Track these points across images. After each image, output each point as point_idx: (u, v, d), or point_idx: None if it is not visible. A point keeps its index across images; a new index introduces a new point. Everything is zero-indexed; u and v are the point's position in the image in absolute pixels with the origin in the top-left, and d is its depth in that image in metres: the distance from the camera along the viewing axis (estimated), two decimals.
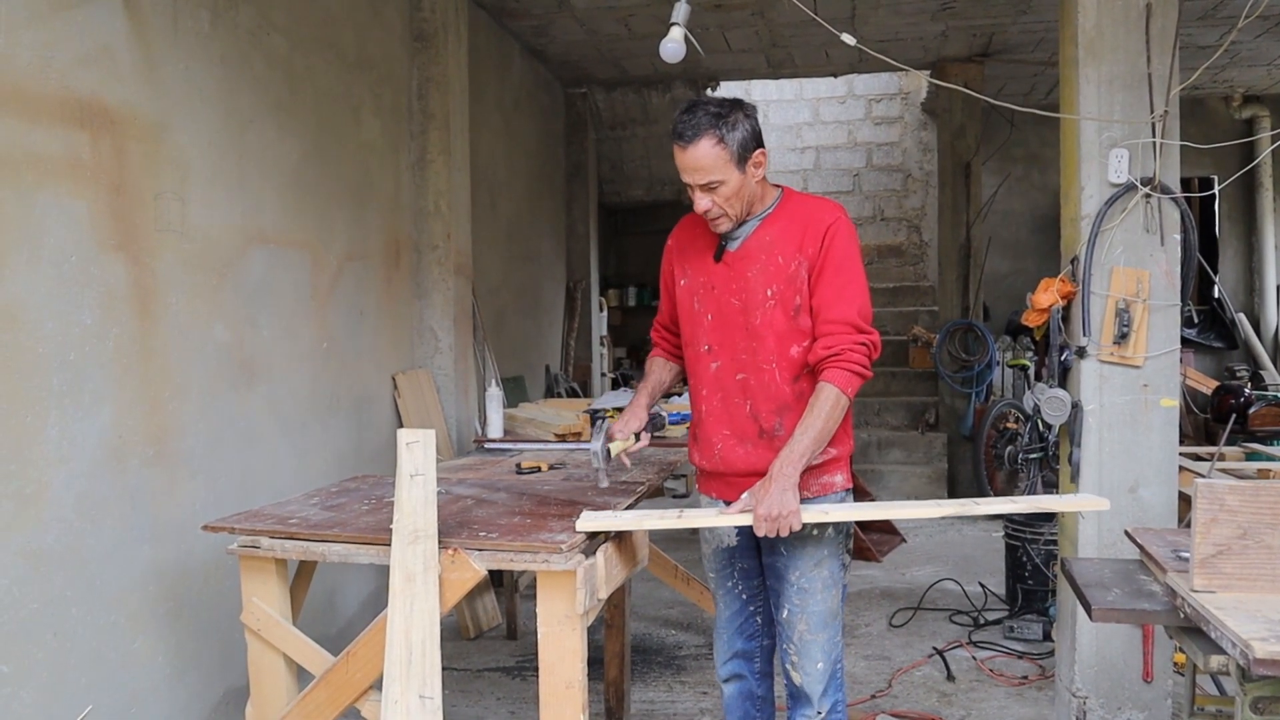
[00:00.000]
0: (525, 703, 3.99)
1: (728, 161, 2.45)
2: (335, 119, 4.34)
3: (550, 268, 7.93)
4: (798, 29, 6.82)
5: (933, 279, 10.15)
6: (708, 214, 2.53)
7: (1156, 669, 3.43)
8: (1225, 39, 6.57)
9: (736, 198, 2.50)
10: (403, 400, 4.85)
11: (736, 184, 2.48)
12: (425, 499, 2.41)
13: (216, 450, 3.42)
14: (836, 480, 2.61)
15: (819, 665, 2.60)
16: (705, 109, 2.46)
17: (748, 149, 2.47)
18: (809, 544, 2.57)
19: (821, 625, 2.59)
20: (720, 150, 2.44)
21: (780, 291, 2.52)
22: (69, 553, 2.75)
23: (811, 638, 2.59)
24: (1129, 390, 3.38)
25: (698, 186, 2.49)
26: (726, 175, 2.46)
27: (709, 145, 2.43)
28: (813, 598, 2.59)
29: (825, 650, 2.60)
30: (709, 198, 2.49)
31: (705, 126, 2.43)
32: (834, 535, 2.60)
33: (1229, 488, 2.14)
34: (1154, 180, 3.31)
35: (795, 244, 2.52)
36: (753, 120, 2.50)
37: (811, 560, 2.58)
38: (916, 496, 8.12)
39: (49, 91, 2.71)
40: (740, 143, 2.45)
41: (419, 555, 2.37)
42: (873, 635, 4.81)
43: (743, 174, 2.48)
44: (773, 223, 2.56)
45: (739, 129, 2.45)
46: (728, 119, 2.45)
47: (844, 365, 2.46)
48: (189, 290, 3.29)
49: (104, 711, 2.85)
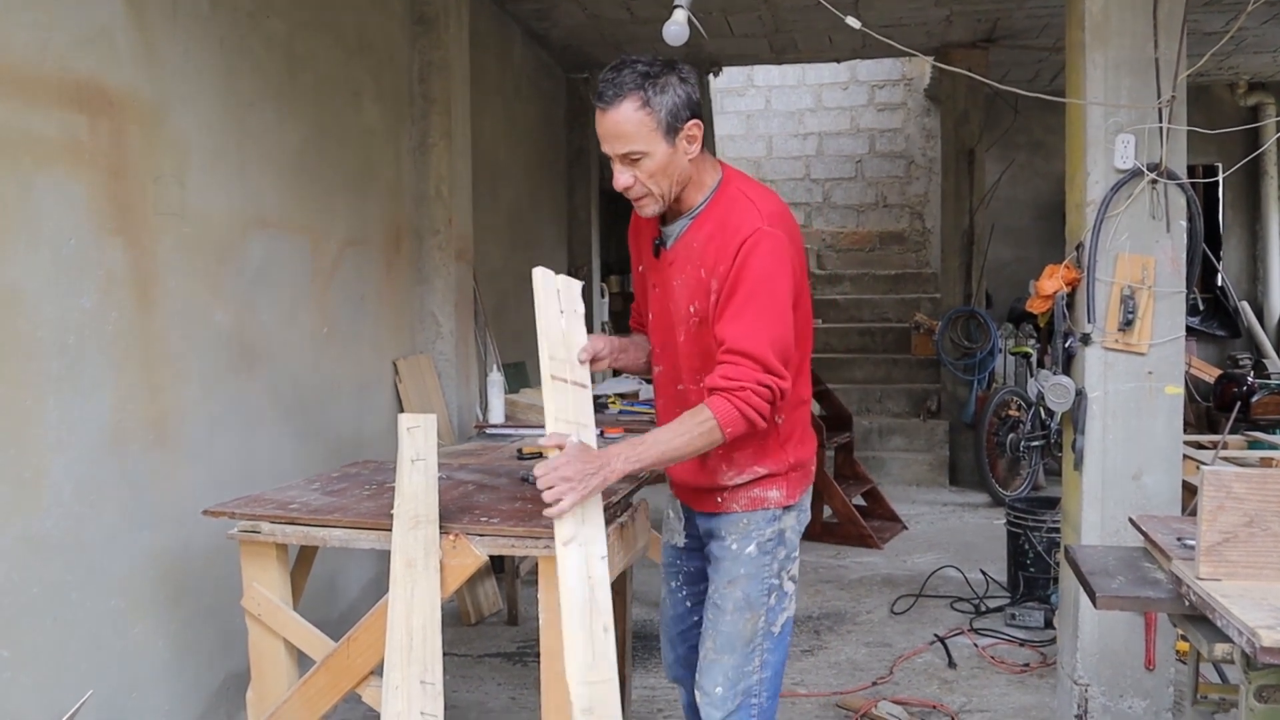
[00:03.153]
0: (526, 688, 3.99)
1: (653, 130, 2.12)
2: (336, 103, 4.31)
3: (552, 253, 7.91)
4: (801, 13, 6.78)
5: (935, 266, 10.12)
6: (629, 192, 2.20)
7: (1159, 657, 3.42)
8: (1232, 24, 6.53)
9: (663, 174, 2.17)
10: (404, 385, 4.84)
11: (663, 158, 2.15)
12: (426, 484, 2.39)
13: (216, 435, 3.41)
14: (770, 495, 2.33)
15: (718, 689, 2.31)
16: (633, 67, 2.13)
17: (678, 118, 2.13)
18: (725, 559, 2.34)
19: (728, 648, 2.31)
20: (645, 115, 2.11)
21: (700, 310, 2.23)
22: (68, 538, 2.74)
23: (716, 658, 2.32)
24: (1133, 377, 3.36)
25: (618, 157, 2.16)
26: (651, 146, 2.13)
27: (632, 109, 2.11)
28: (723, 616, 2.32)
29: (729, 677, 2.31)
30: (630, 172, 2.16)
31: (630, 87, 2.11)
32: (755, 555, 2.32)
33: (1236, 475, 2.13)
34: (1160, 166, 3.29)
35: (714, 258, 2.18)
36: (689, 85, 2.16)
37: (725, 577, 2.34)
38: (918, 484, 8.13)
39: (47, 73, 2.69)
40: (670, 109, 2.12)
41: (420, 541, 2.36)
42: (874, 622, 4.81)
43: (671, 147, 2.14)
44: (701, 225, 2.24)
45: (669, 93, 2.12)
46: (657, 80, 2.12)
47: (738, 403, 2.10)
48: (189, 274, 3.27)
49: (104, 696, 2.84)
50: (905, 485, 8.09)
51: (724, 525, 2.36)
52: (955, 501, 7.56)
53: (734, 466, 2.33)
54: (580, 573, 2.15)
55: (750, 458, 2.32)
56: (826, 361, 9.11)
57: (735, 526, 2.35)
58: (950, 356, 8.04)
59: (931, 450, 8.28)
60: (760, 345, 2.11)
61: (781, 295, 2.16)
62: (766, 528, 2.34)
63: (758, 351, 2.11)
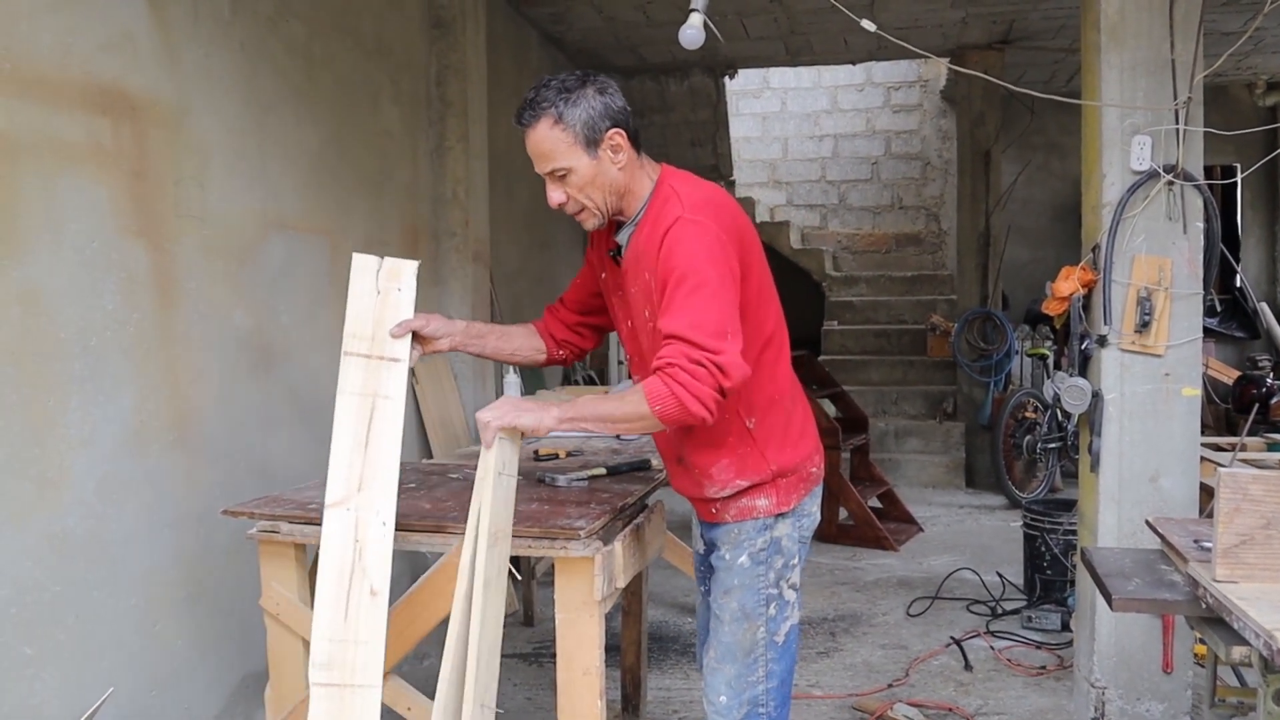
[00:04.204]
0: (542, 689, 4.01)
1: (571, 144, 2.15)
2: (354, 106, 4.34)
3: (567, 255, 7.92)
4: (816, 16, 6.78)
5: (951, 267, 10.10)
6: (564, 208, 2.23)
7: (1177, 660, 3.41)
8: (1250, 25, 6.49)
9: (592, 186, 2.19)
10: (420, 387, 4.86)
11: (588, 171, 2.17)
12: (507, 499, 2.25)
13: (236, 435, 3.44)
14: (758, 505, 2.30)
15: (721, 698, 2.33)
16: (549, 86, 2.16)
17: (597, 129, 2.15)
18: (720, 569, 2.35)
19: (729, 657, 2.33)
20: (559, 132, 2.14)
21: (654, 313, 2.19)
22: (90, 537, 2.77)
23: (717, 666, 2.35)
24: (1150, 379, 3.35)
25: (546, 176, 2.21)
26: (572, 161, 2.16)
27: (547, 127, 2.15)
28: (721, 626, 2.34)
29: (732, 686, 2.32)
30: (560, 189, 2.20)
31: (545, 106, 2.14)
32: (747, 565, 2.31)
33: (1253, 477, 2.12)
34: (1177, 167, 3.28)
35: (650, 259, 2.17)
36: (606, 96, 2.17)
37: (721, 587, 2.35)
38: (934, 485, 8.11)
39: (70, 78, 2.73)
40: (585, 122, 2.14)
41: (497, 558, 2.19)
42: (890, 624, 4.80)
43: (594, 159, 2.16)
44: (640, 230, 2.23)
45: (581, 105, 2.14)
46: (570, 95, 2.15)
47: (666, 379, 2.04)
48: (209, 276, 3.30)
49: (124, 694, 2.87)
50: (921, 487, 8.07)
51: (720, 535, 2.37)
52: (971, 504, 7.54)
53: (715, 482, 2.32)
54: (346, 535, 2.22)
55: (728, 471, 2.30)
56: (842, 363, 9.10)
57: (728, 536, 2.34)
58: (966, 358, 8.02)
59: (948, 452, 8.26)
60: (686, 326, 2.06)
61: (710, 278, 2.09)
62: (758, 537, 2.33)
63: (685, 331, 2.05)
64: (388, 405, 2.29)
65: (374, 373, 2.31)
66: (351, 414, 2.29)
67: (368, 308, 2.34)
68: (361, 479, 2.24)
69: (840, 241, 11.12)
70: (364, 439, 2.27)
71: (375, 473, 2.25)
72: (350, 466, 2.26)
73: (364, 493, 2.24)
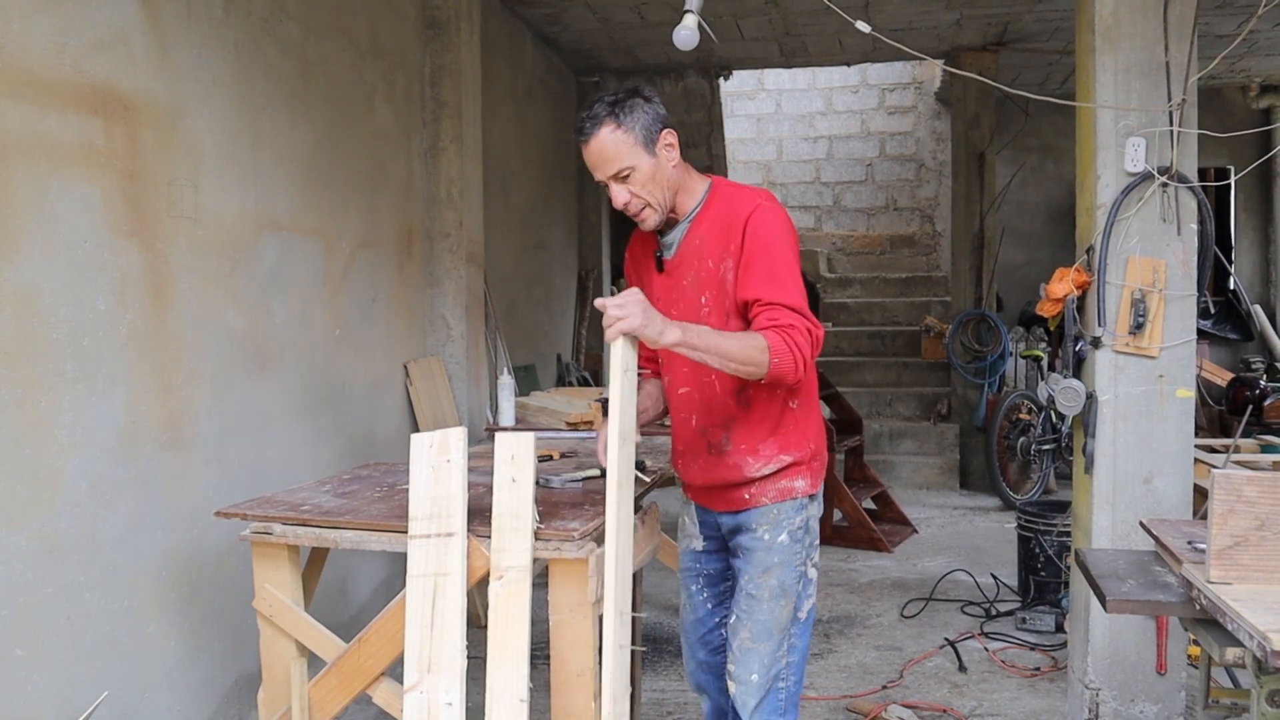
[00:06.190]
0: (536, 690, 3.97)
1: (634, 145, 2.33)
2: (348, 106, 4.33)
3: (562, 256, 7.92)
4: (811, 17, 6.79)
5: (945, 269, 10.11)
6: (628, 208, 2.39)
7: (1170, 661, 3.42)
8: (1244, 27, 6.52)
9: (653, 183, 2.36)
10: (415, 388, 4.86)
11: (649, 169, 2.35)
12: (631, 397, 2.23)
13: (229, 436, 3.43)
14: (797, 485, 2.43)
15: (754, 676, 2.40)
16: (600, 102, 2.37)
17: (652, 131, 2.35)
18: (758, 549, 2.42)
19: (765, 635, 2.41)
20: (622, 134, 2.32)
21: (713, 298, 2.37)
22: (83, 538, 2.76)
23: (752, 645, 2.41)
24: (1144, 381, 3.36)
25: (611, 179, 2.36)
26: (636, 160, 2.33)
27: (609, 132, 2.32)
28: (760, 605, 2.41)
29: (764, 663, 2.40)
30: (625, 189, 2.36)
31: (602, 116, 2.33)
32: (787, 543, 2.42)
33: (1247, 478, 2.12)
34: (1171, 169, 3.29)
35: (721, 243, 2.36)
36: (654, 105, 2.39)
37: (759, 567, 2.42)
38: (928, 487, 8.12)
39: (63, 77, 2.72)
40: (643, 125, 2.34)
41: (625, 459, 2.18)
42: (884, 626, 4.80)
43: (653, 157, 2.35)
44: (700, 223, 2.42)
45: (635, 112, 2.34)
46: (623, 105, 2.34)
47: (786, 338, 2.20)
48: (202, 276, 3.30)
49: (117, 696, 2.86)
50: (915, 489, 8.08)
51: (754, 519, 2.43)
52: (966, 505, 7.55)
53: (760, 457, 2.41)
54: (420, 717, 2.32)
55: (773, 446, 2.41)
56: (836, 365, 9.11)
57: (766, 518, 2.42)
58: (961, 360, 8.03)
59: (942, 454, 8.27)
60: (794, 296, 2.26)
61: (793, 259, 2.33)
62: (795, 516, 2.43)
63: (793, 302, 2.25)
64: (448, 583, 2.36)
65: (434, 551, 2.38)
66: (418, 597, 2.37)
67: (424, 488, 2.41)
68: (430, 661, 2.34)
69: (835, 243, 11.12)
70: (429, 620, 2.36)
71: (442, 654, 2.34)
72: (420, 649, 2.35)
73: (433, 674, 2.33)
